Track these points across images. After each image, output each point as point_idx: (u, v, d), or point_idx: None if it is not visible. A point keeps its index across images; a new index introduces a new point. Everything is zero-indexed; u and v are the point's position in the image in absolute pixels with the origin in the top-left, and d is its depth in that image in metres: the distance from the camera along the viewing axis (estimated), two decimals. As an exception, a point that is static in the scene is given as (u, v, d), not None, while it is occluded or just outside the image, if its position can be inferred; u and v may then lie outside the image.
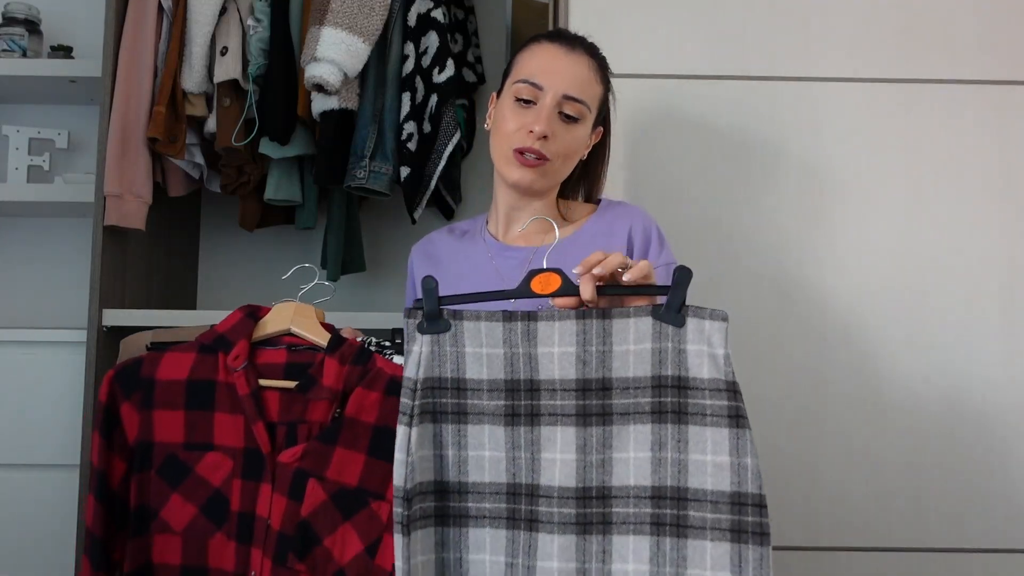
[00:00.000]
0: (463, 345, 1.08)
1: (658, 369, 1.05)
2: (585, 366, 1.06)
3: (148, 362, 1.19)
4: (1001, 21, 1.63)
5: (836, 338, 1.58)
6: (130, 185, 1.73)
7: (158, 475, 1.17)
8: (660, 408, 1.04)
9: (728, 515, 1.01)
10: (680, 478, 1.03)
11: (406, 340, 1.09)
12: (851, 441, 1.57)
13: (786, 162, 1.61)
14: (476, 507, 1.08)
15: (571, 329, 1.06)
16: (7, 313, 2.15)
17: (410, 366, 1.08)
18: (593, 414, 1.06)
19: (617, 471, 1.05)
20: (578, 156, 1.34)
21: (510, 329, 1.07)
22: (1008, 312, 1.58)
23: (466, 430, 1.08)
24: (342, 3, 1.70)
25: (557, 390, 1.06)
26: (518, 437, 1.07)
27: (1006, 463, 1.56)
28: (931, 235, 1.60)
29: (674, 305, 1.04)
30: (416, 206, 1.81)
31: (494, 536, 1.07)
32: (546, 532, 1.05)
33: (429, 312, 1.08)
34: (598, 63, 1.33)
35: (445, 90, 1.77)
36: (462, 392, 1.08)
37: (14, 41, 1.97)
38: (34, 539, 1.76)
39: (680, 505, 1.03)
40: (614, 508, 1.05)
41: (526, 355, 1.07)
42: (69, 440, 1.75)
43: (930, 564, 1.55)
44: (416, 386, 1.07)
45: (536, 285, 1.09)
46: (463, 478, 1.08)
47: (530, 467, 1.07)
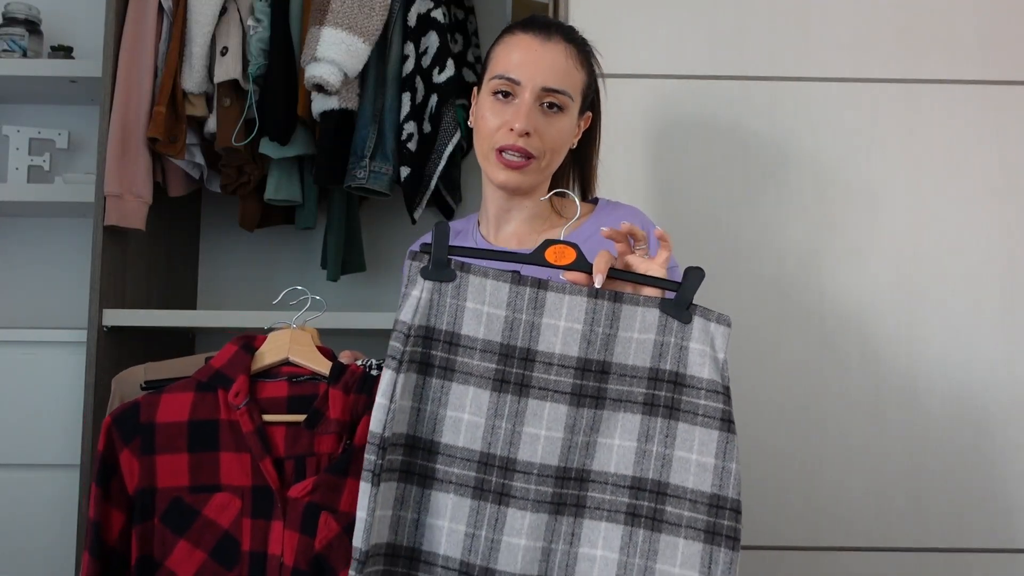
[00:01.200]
0: (464, 299, 1.04)
1: (657, 362, 1.04)
2: (589, 346, 1.04)
3: (146, 405, 1.15)
4: (1001, 21, 1.63)
5: (836, 338, 1.58)
6: (130, 185, 1.73)
7: (162, 523, 1.13)
8: (653, 400, 1.04)
9: (705, 516, 1.01)
10: (663, 472, 1.03)
11: (406, 282, 1.05)
12: (851, 441, 1.56)
13: (786, 162, 1.61)
14: (444, 470, 1.03)
15: (581, 306, 1.04)
16: (7, 313, 2.15)
17: (406, 310, 1.04)
18: (588, 395, 1.04)
19: (600, 456, 1.04)
20: (566, 148, 1.29)
21: (517, 293, 1.04)
22: (1008, 312, 1.58)
23: (450, 387, 1.04)
24: (342, 3, 1.70)
25: (554, 364, 1.04)
26: (503, 406, 1.04)
27: (1006, 463, 1.56)
28: (931, 235, 1.60)
29: (683, 302, 1.04)
30: (416, 206, 1.81)
31: (457, 504, 1.03)
32: (517, 508, 1.02)
33: (437, 258, 1.04)
34: (577, 48, 1.27)
35: (445, 90, 1.77)
36: (453, 347, 1.04)
37: (14, 41, 1.97)
38: (34, 539, 1.76)
39: (659, 499, 1.02)
40: (590, 492, 1.03)
41: (528, 323, 1.04)
42: (69, 440, 1.75)
43: (930, 564, 1.55)
44: (410, 331, 1.03)
45: (550, 255, 1.07)
46: (436, 437, 1.04)
47: (508, 439, 1.04)
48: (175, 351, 2.08)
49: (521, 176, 1.25)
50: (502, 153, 1.24)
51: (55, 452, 1.77)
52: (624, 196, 1.59)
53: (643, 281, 1.07)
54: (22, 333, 1.81)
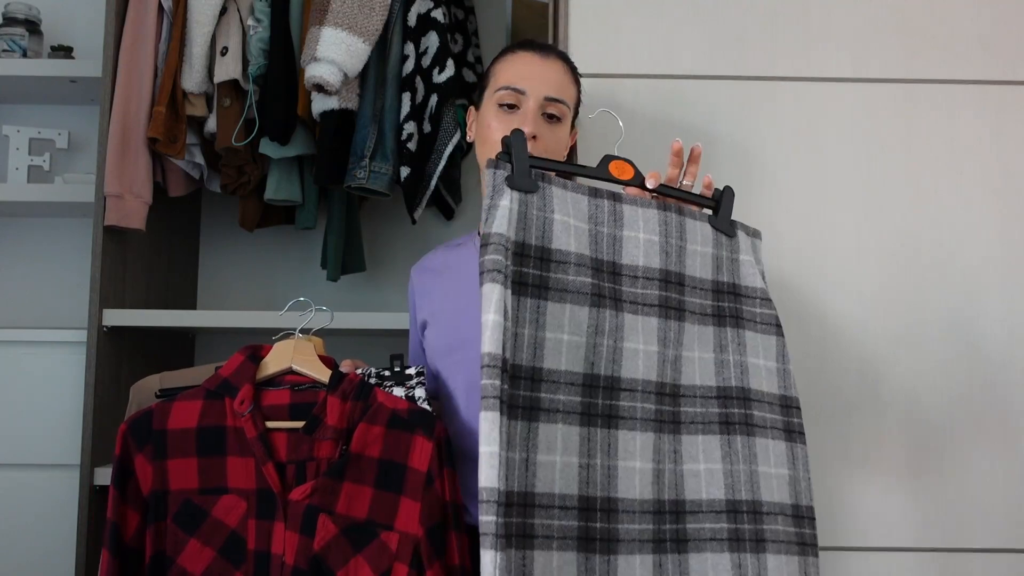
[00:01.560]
0: (551, 211, 0.98)
1: (716, 274, 1.07)
2: (667, 257, 1.04)
3: (159, 413, 1.23)
4: (1001, 21, 1.63)
5: (835, 338, 1.58)
6: (130, 185, 1.73)
7: (174, 522, 1.20)
8: (720, 312, 1.05)
9: (781, 416, 1.05)
10: (743, 379, 1.04)
11: (490, 193, 0.97)
12: (851, 441, 1.56)
13: (786, 162, 1.61)
14: (549, 398, 0.93)
15: (654, 218, 1.05)
16: (7, 313, 2.15)
17: (499, 221, 0.94)
18: (673, 307, 1.03)
19: (686, 369, 1.02)
20: (561, 157, 1.35)
21: (596, 205, 1.02)
22: (1008, 312, 1.58)
23: (546, 307, 0.95)
24: (342, 3, 1.70)
25: (639, 277, 1.01)
26: (603, 322, 0.97)
27: (1006, 463, 1.56)
28: (930, 235, 1.60)
29: (725, 217, 1.09)
30: (416, 206, 1.81)
31: (566, 433, 0.94)
32: (627, 429, 0.96)
33: (520, 167, 0.98)
34: (570, 67, 1.37)
35: (445, 90, 1.77)
36: (545, 263, 0.96)
37: (14, 41, 1.97)
38: (34, 539, 1.76)
39: (746, 405, 1.03)
40: (683, 407, 1.01)
41: (610, 236, 1.02)
42: (69, 440, 1.75)
43: (930, 564, 1.55)
44: (509, 244, 0.94)
45: (614, 169, 1.09)
46: (537, 363, 0.93)
47: (611, 356, 0.97)
48: (175, 351, 2.08)
49: None
50: None
51: (55, 452, 1.77)
52: (624, 196, 1.59)
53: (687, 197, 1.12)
54: (22, 333, 1.81)
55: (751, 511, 0.98)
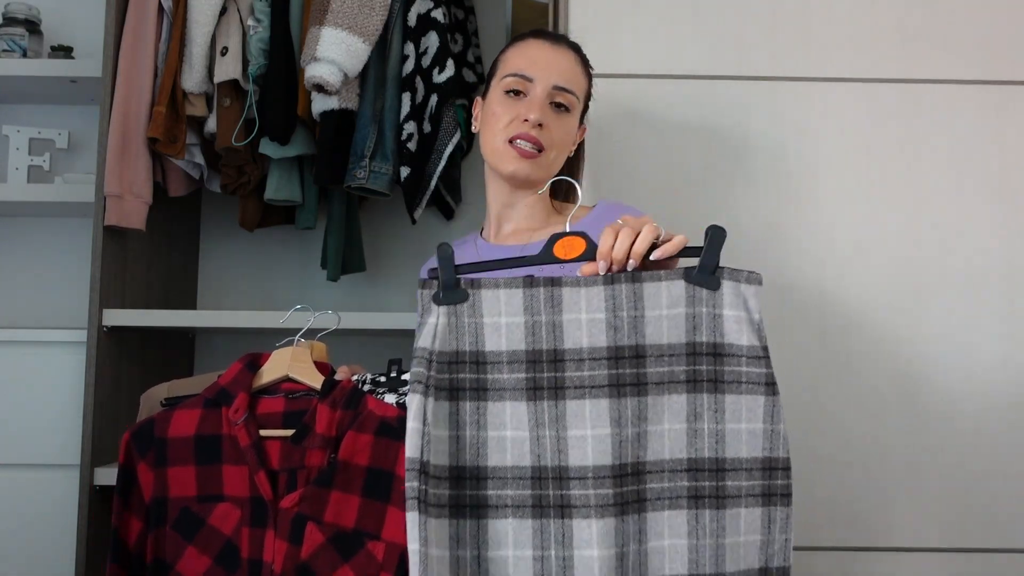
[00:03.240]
0: (481, 315, 1.01)
1: (692, 335, 1.00)
2: (617, 332, 1.00)
3: (160, 421, 1.24)
4: (1001, 21, 1.63)
5: (835, 338, 1.58)
6: (130, 185, 1.73)
7: (173, 529, 1.21)
8: (695, 376, 1.00)
9: (760, 480, 0.99)
10: (718, 448, 0.99)
11: (420, 311, 1.03)
12: (851, 441, 1.56)
13: (786, 162, 1.61)
14: (496, 495, 0.99)
15: (599, 295, 1.00)
16: (7, 313, 2.15)
17: (424, 337, 1.01)
18: (628, 384, 0.99)
19: (652, 445, 1.00)
20: (569, 148, 1.33)
21: (531, 296, 1.01)
22: (1008, 312, 1.58)
23: (486, 408, 1.00)
24: (342, 3, 1.70)
25: (585, 359, 1.00)
26: (541, 413, 0.99)
27: (1006, 463, 1.56)
28: (930, 235, 1.60)
29: (708, 267, 0.99)
30: (416, 206, 1.81)
31: (518, 527, 0.98)
32: (581, 517, 0.97)
33: (446, 282, 1.02)
34: (581, 58, 1.34)
35: (445, 90, 1.77)
36: (481, 366, 1.01)
37: (14, 41, 1.97)
38: (34, 539, 1.76)
39: (719, 476, 0.99)
40: (648, 484, 0.99)
41: (549, 323, 1.00)
42: (69, 440, 1.75)
43: (930, 564, 1.55)
44: (432, 357, 1.00)
45: (559, 250, 1.04)
46: (481, 461, 0.99)
47: (556, 447, 0.99)
48: (175, 351, 2.08)
49: (531, 166, 1.27)
50: (514, 143, 1.26)
51: (55, 452, 1.77)
52: (623, 196, 1.59)
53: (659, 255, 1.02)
54: (22, 333, 1.81)
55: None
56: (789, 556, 1.00)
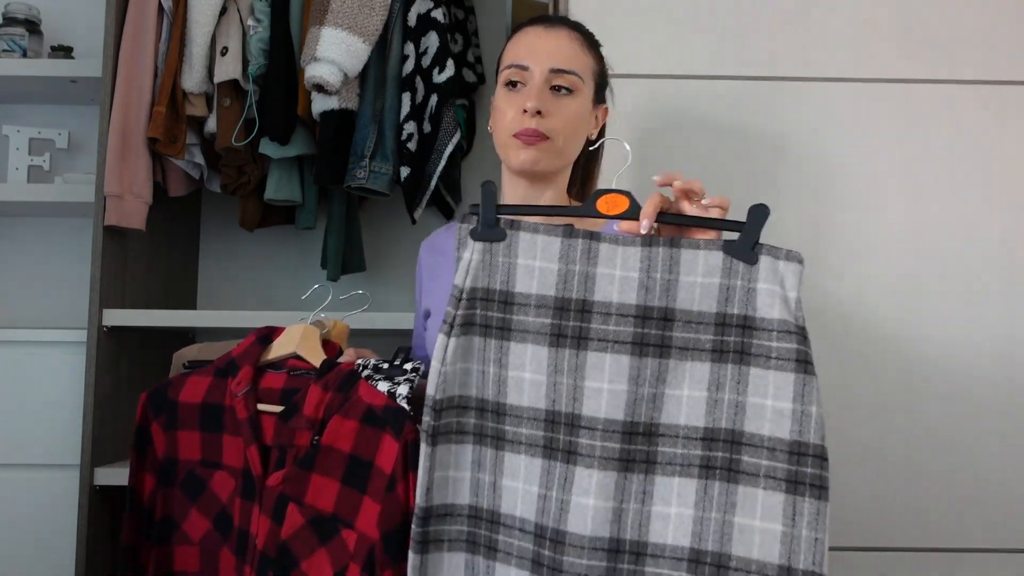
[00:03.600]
0: (516, 256, 1.02)
1: (723, 306, 0.99)
2: (648, 292, 1.00)
3: (175, 385, 1.27)
4: (1001, 21, 1.63)
5: (835, 338, 1.58)
6: (130, 185, 1.73)
7: (180, 489, 1.24)
8: (722, 347, 0.98)
9: (785, 464, 0.95)
10: (736, 421, 0.97)
11: (458, 245, 1.04)
12: (851, 441, 1.56)
13: (786, 162, 1.61)
14: (513, 431, 1.02)
15: (635, 254, 1.00)
16: (7, 313, 2.15)
17: (459, 273, 1.03)
18: (651, 344, 0.99)
19: (668, 408, 0.99)
20: (583, 131, 1.29)
21: (569, 245, 1.01)
22: (1007, 312, 1.58)
23: (508, 347, 1.02)
24: (342, 3, 1.70)
25: (612, 314, 1.00)
26: (561, 360, 1.00)
27: (1006, 463, 1.56)
28: (931, 235, 1.60)
29: (748, 242, 0.99)
30: (416, 206, 1.81)
31: (529, 464, 1.01)
32: (584, 466, 0.98)
33: (485, 219, 1.02)
34: (582, 35, 1.29)
35: (445, 90, 1.77)
36: (508, 306, 1.02)
37: (14, 41, 1.97)
38: (34, 539, 1.76)
39: (734, 449, 0.97)
40: (660, 447, 0.99)
41: (582, 273, 1.01)
42: (69, 440, 1.75)
43: (930, 564, 1.55)
44: (461, 295, 1.02)
45: (602, 204, 1.04)
46: (501, 398, 1.02)
47: (571, 395, 0.99)
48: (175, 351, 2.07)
49: (537, 153, 1.24)
50: (517, 136, 1.24)
51: (55, 452, 1.77)
52: (624, 196, 1.59)
53: (699, 223, 1.02)
54: (22, 333, 1.81)
55: (714, 563, 0.96)
56: (822, 560, 0.93)
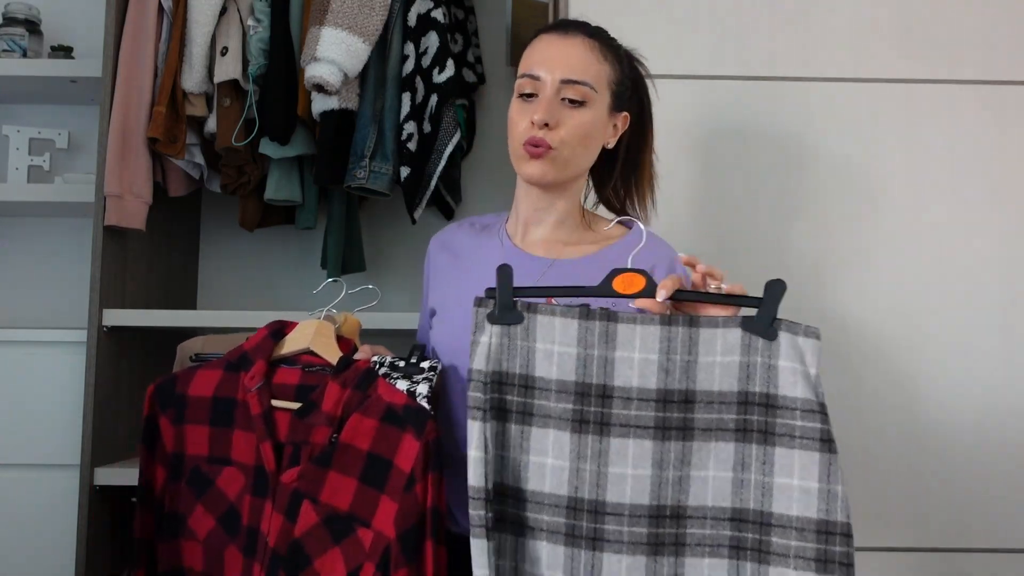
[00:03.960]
0: (534, 340, 1.01)
1: (745, 384, 0.99)
2: (668, 375, 0.99)
3: (183, 378, 1.25)
4: (1001, 21, 1.63)
5: (834, 339, 1.58)
6: (130, 185, 1.73)
7: (187, 485, 1.22)
8: (745, 426, 0.98)
9: (814, 544, 0.96)
10: (764, 502, 0.97)
11: (474, 329, 1.03)
12: (851, 441, 1.56)
13: (786, 162, 1.61)
14: (534, 517, 1.01)
15: (654, 334, 1.00)
16: (7, 313, 2.15)
17: (479, 358, 1.02)
18: (673, 427, 0.99)
19: (695, 490, 0.99)
20: (596, 143, 1.27)
21: (587, 328, 1.01)
22: (1007, 312, 1.58)
23: (530, 432, 1.01)
24: (342, 3, 1.70)
25: (633, 399, 1.00)
26: (584, 447, 1.00)
27: (1006, 463, 1.56)
28: (931, 235, 1.60)
29: (766, 318, 0.98)
30: (416, 206, 1.81)
31: (551, 551, 1.00)
32: (612, 552, 0.98)
33: (503, 303, 1.02)
34: (599, 42, 1.27)
35: (445, 90, 1.77)
36: (529, 391, 1.01)
37: (14, 41, 1.97)
38: (34, 539, 1.76)
39: (763, 531, 0.97)
40: (689, 529, 0.99)
41: (601, 358, 1.00)
42: (69, 440, 1.75)
43: (930, 564, 1.55)
44: (487, 379, 1.01)
45: (619, 284, 1.04)
46: (522, 484, 1.01)
47: (595, 481, 0.99)
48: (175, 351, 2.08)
49: (544, 165, 1.23)
50: (526, 146, 1.23)
51: (55, 452, 1.77)
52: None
53: (715, 299, 1.02)
54: (22, 333, 1.81)
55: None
56: None
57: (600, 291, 1.04)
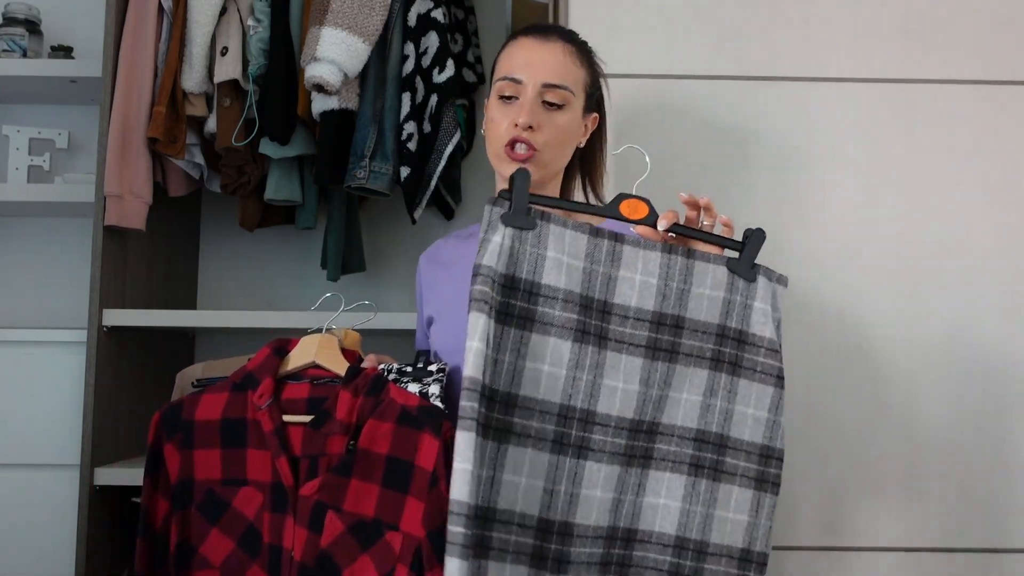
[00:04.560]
0: (545, 248, 1.03)
1: (724, 319, 1.07)
2: (664, 300, 1.06)
3: (188, 404, 1.25)
4: (1001, 21, 1.63)
5: (835, 338, 1.58)
6: (130, 185, 1.73)
7: (198, 511, 1.22)
8: (719, 357, 1.07)
9: (756, 465, 1.07)
10: (725, 426, 1.07)
11: (485, 228, 1.03)
12: (851, 441, 1.56)
13: (786, 162, 1.61)
14: (521, 424, 1.01)
15: (656, 260, 1.07)
16: (7, 313, 2.15)
17: (490, 254, 1.01)
18: (663, 349, 1.06)
19: (669, 409, 1.07)
20: (572, 143, 1.33)
21: (595, 245, 1.05)
22: (1008, 312, 1.58)
23: (529, 338, 1.02)
24: (342, 3, 1.70)
25: (630, 318, 1.06)
26: (584, 357, 1.04)
27: (1006, 463, 1.56)
28: (931, 235, 1.60)
29: (748, 260, 1.08)
30: (416, 206, 1.81)
31: (535, 458, 1.01)
32: (595, 460, 1.04)
33: (517, 206, 1.03)
34: (576, 47, 1.33)
35: (445, 90, 1.77)
36: (533, 297, 1.02)
37: (14, 41, 1.97)
38: (34, 539, 1.76)
39: (720, 451, 1.06)
40: (657, 444, 1.07)
41: (605, 275, 1.06)
42: (69, 440, 1.75)
43: (930, 564, 1.55)
44: (495, 276, 1.00)
45: (625, 208, 1.09)
46: (514, 389, 1.01)
47: (589, 391, 1.04)
48: (175, 351, 2.08)
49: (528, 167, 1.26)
50: (511, 148, 1.28)
51: (55, 452, 1.77)
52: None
53: (707, 238, 1.10)
54: (22, 333, 1.81)
55: (696, 550, 1.05)
56: (770, 544, 1.08)
57: (608, 212, 1.10)
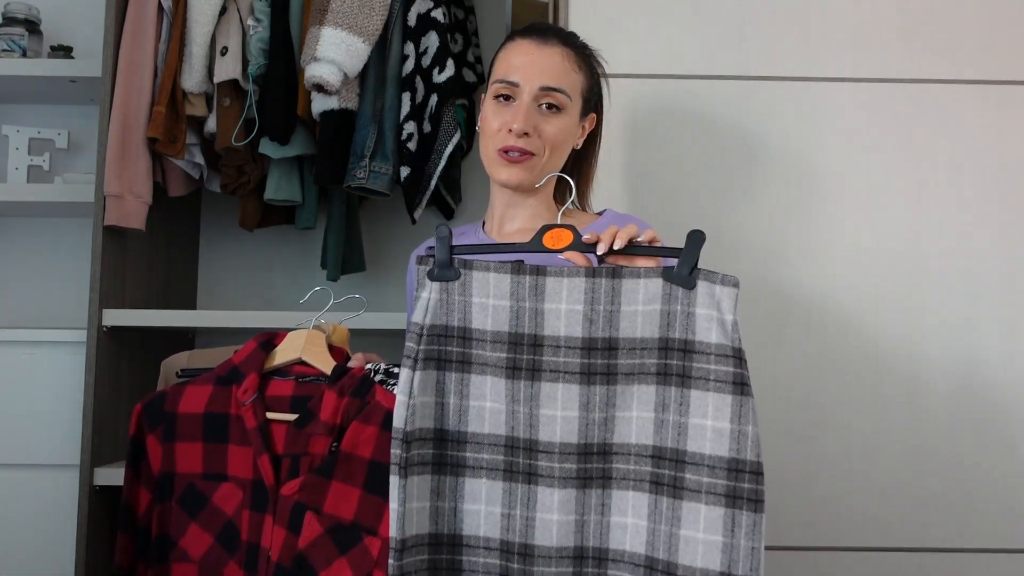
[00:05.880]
0: (471, 295, 1.09)
1: (666, 331, 1.06)
2: (592, 325, 1.07)
3: (171, 396, 1.23)
4: (1001, 21, 1.63)
5: (835, 339, 1.58)
6: (130, 185, 1.73)
7: (178, 505, 1.21)
8: (666, 370, 1.06)
9: (724, 480, 1.02)
10: (680, 441, 1.05)
11: (418, 286, 1.11)
12: (851, 441, 1.57)
13: (786, 162, 1.61)
14: (474, 457, 1.09)
15: (580, 286, 1.08)
16: (7, 313, 2.15)
17: (417, 311, 1.09)
18: (598, 373, 1.07)
19: (619, 429, 1.07)
20: (568, 146, 1.33)
21: (518, 282, 1.08)
22: (1007, 312, 1.58)
23: (469, 379, 1.10)
24: (342, 3, 1.70)
25: (561, 347, 1.08)
26: (518, 391, 1.08)
27: (1006, 463, 1.56)
28: (931, 234, 1.60)
29: (685, 268, 1.05)
30: (416, 206, 1.81)
31: (490, 487, 1.09)
32: (545, 486, 1.07)
33: (440, 260, 1.10)
34: (575, 51, 1.32)
35: (445, 90, 1.77)
36: (467, 341, 1.10)
37: (14, 41, 1.97)
38: (34, 539, 1.76)
39: (678, 467, 1.05)
40: (615, 464, 1.07)
41: (532, 310, 1.08)
42: (69, 440, 1.75)
43: (930, 564, 1.55)
44: (423, 331, 1.09)
45: (548, 239, 1.11)
46: (463, 427, 1.10)
47: (528, 422, 1.08)
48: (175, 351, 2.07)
49: (521, 171, 1.29)
50: (504, 153, 1.28)
51: (55, 452, 1.77)
52: (623, 196, 1.60)
53: (641, 252, 1.10)
54: (22, 333, 1.81)
55: (665, 571, 1.04)
56: (758, 566, 1.00)
57: (530, 247, 1.12)
